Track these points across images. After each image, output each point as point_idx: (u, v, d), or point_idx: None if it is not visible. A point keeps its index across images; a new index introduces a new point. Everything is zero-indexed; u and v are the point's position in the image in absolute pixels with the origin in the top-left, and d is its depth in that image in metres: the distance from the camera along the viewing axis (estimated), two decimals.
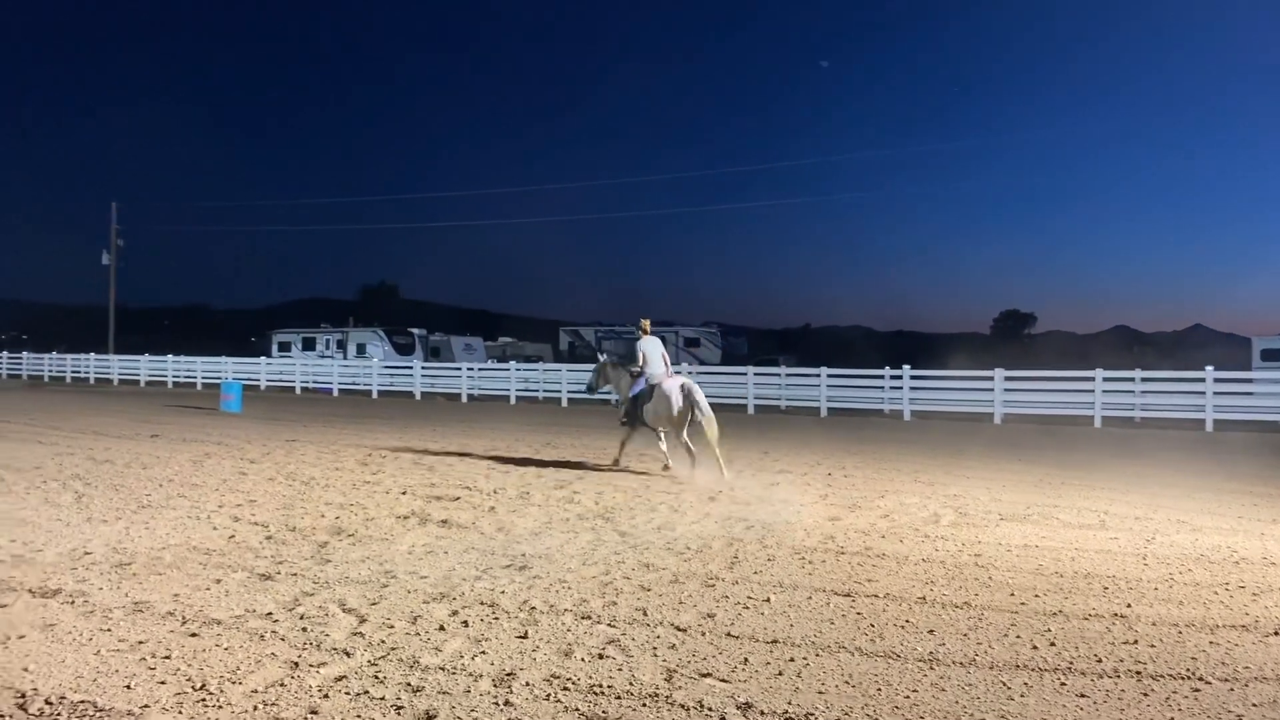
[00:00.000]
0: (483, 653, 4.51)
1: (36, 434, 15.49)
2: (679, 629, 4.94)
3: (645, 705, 3.88)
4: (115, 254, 47.46)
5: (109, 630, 4.78)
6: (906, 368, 24.07)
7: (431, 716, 3.73)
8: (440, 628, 4.91)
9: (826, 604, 5.52)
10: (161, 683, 4.05)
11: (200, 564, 6.27)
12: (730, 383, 27.01)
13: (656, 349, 11.77)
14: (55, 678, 4.10)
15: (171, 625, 4.88)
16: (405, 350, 37.43)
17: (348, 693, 3.96)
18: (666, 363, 11.84)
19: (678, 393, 11.20)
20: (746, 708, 3.87)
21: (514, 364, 32.38)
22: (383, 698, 3.91)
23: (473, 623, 5.01)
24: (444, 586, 5.76)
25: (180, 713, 3.73)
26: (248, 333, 74.72)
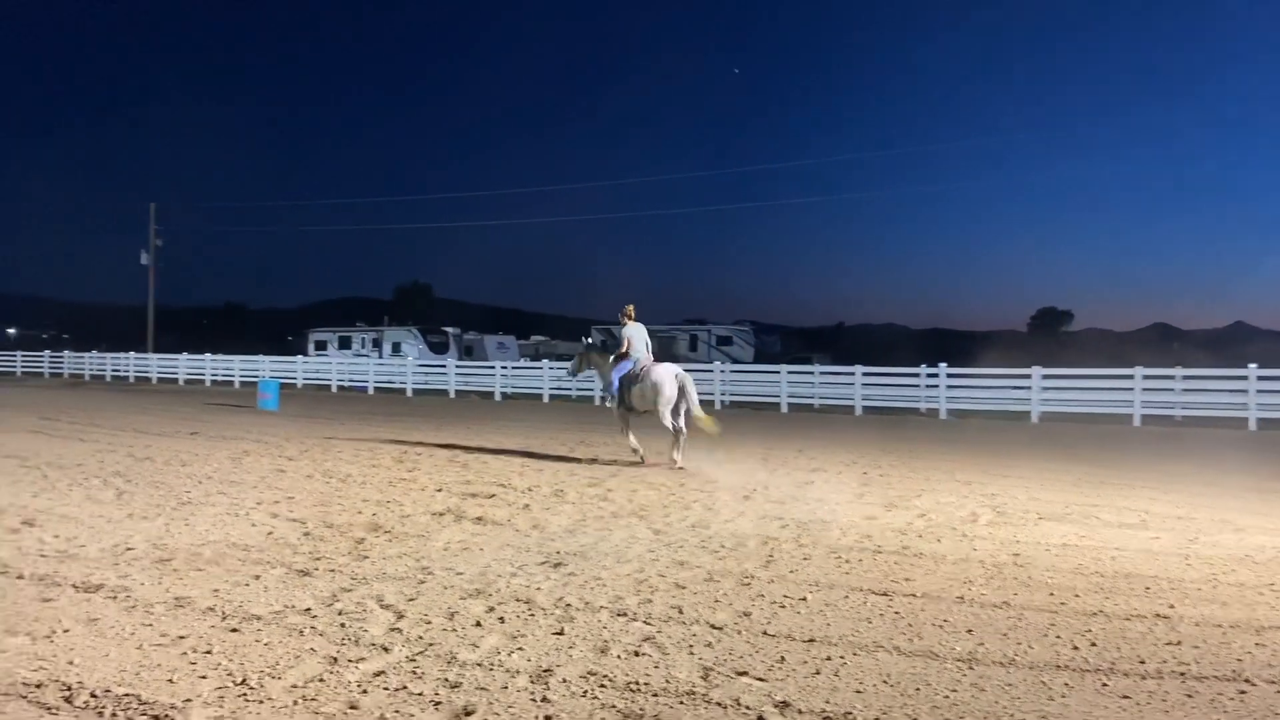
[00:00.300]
0: (519, 649, 4.52)
1: (78, 432, 15.73)
2: (715, 627, 4.93)
3: (682, 703, 3.87)
4: (154, 254, 47.99)
5: (151, 625, 4.84)
6: (943, 366, 23.87)
7: (469, 712, 3.75)
8: (477, 624, 4.93)
9: (863, 603, 5.49)
10: (203, 677, 4.09)
11: (239, 560, 6.34)
12: (763, 381, 26.94)
13: (641, 335, 12.14)
14: (100, 671, 4.16)
15: (212, 620, 4.94)
16: (439, 349, 37.62)
17: (386, 688, 3.99)
18: (649, 349, 12.20)
19: (671, 379, 11.61)
20: (784, 706, 3.85)
21: (546, 362, 32.45)
22: (421, 693, 3.93)
23: (509, 619, 5.02)
24: (480, 583, 5.78)
25: (221, 707, 3.77)
26: (284, 332, 75.40)
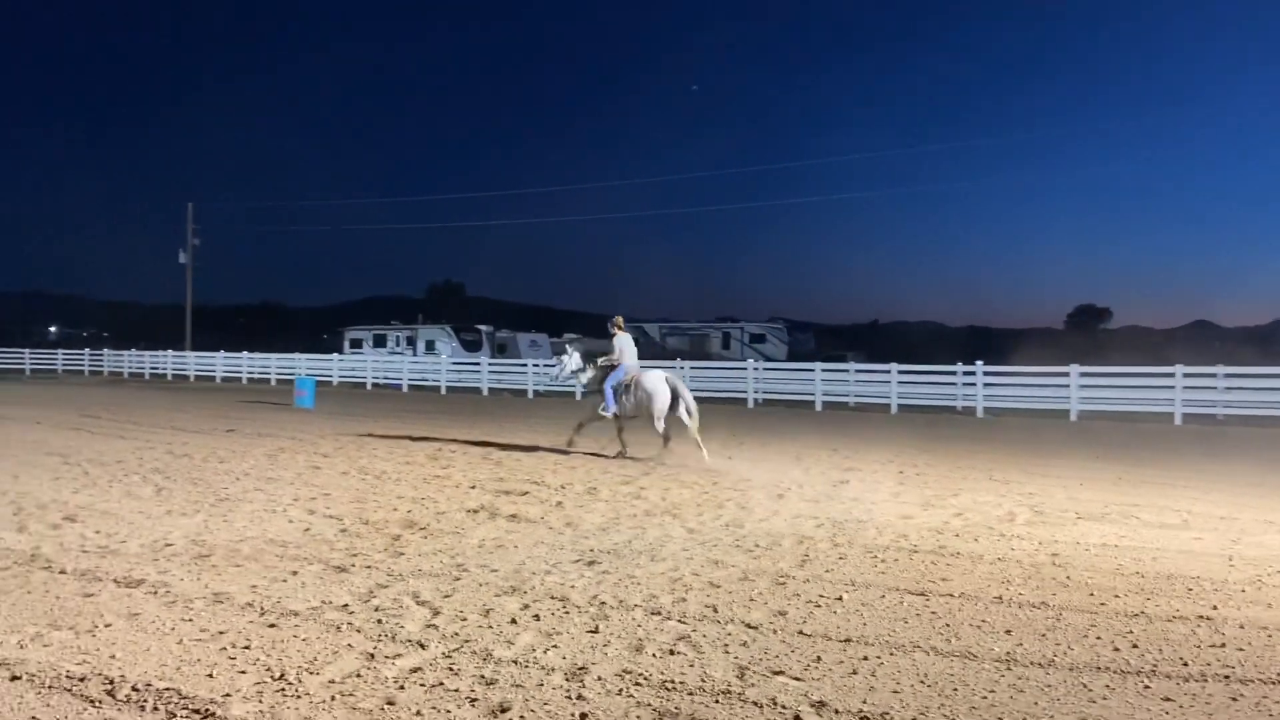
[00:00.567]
0: (554, 646, 4.53)
1: (118, 429, 15.96)
2: (750, 626, 4.91)
3: (718, 701, 3.86)
4: (191, 253, 48.49)
5: (190, 620, 4.90)
6: (979, 364, 23.63)
7: (505, 709, 3.76)
8: (512, 621, 4.94)
9: (900, 603, 5.45)
10: (242, 672, 4.13)
11: (277, 556, 6.40)
12: (797, 379, 26.84)
13: (630, 344, 12.88)
14: (141, 665, 4.21)
15: (250, 616, 4.99)
16: (472, 347, 37.76)
17: (423, 684, 4.01)
18: (634, 357, 12.87)
19: (663, 387, 12.11)
20: (820, 706, 3.83)
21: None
22: (457, 690, 3.95)
23: (544, 616, 5.03)
24: (514, 580, 5.79)
25: (260, 702, 3.81)
26: (320, 330, 76.03)
